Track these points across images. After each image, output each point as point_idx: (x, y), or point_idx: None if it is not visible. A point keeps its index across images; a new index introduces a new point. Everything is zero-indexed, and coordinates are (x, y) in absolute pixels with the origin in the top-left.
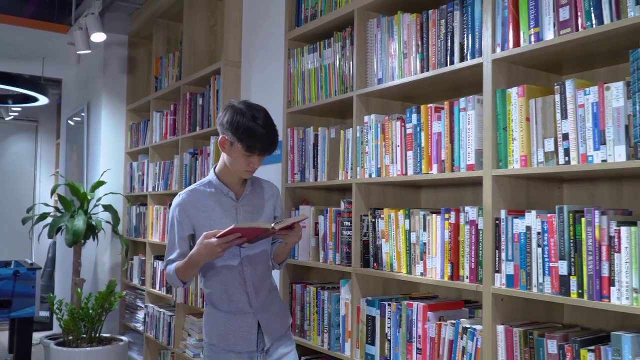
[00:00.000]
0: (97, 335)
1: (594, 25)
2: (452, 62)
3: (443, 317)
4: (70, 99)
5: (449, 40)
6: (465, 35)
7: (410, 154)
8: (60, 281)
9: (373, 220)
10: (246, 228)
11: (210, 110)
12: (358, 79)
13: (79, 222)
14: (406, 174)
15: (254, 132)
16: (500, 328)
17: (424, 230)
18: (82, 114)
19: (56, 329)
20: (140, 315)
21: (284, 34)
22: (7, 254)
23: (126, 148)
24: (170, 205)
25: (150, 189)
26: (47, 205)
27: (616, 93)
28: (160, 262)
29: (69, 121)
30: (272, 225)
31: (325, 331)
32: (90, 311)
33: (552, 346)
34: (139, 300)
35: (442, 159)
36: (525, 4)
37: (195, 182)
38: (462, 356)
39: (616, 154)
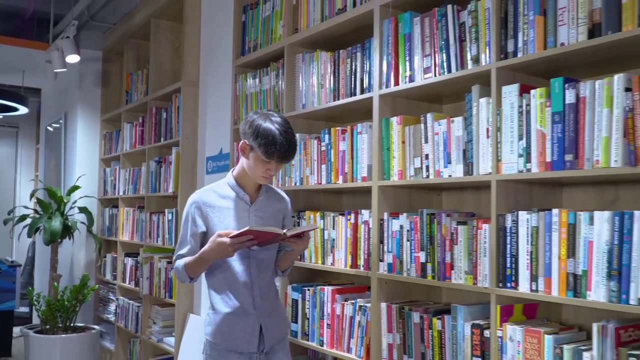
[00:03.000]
0: (72, 324)
1: (445, 73)
2: (354, 94)
3: (348, 298)
4: (49, 108)
5: (353, 76)
6: (365, 73)
7: (324, 167)
8: (39, 277)
9: (298, 220)
10: (260, 231)
11: (172, 124)
12: (287, 103)
13: (56, 223)
14: (321, 183)
15: (274, 139)
16: (383, 305)
17: (333, 228)
18: (60, 121)
19: (35, 322)
20: (112, 307)
21: (231, 61)
22: None
23: (100, 155)
24: (139, 207)
25: (121, 193)
26: (26, 207)
27: (457, 125)
28: (130, 259)
29: (48, 127)
30: (284, 231)
31: None
32: (66, 302)
33: (416, 317)
34: (111, 294)
35: (346, 171)
36: (403, 53)
37: (159, 187)
38: (358, 328)
39: (457, 171)
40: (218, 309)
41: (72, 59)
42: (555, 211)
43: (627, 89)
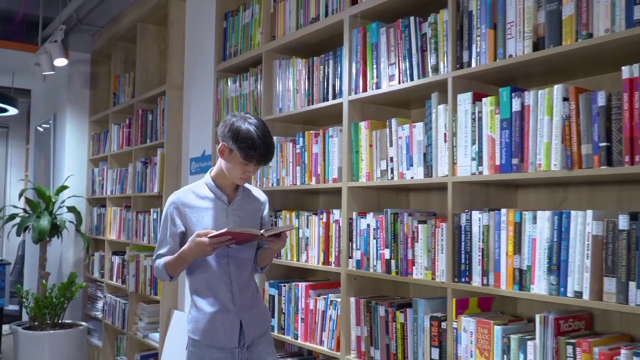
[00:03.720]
0: (60, 321)
1: (408, 81)
2: (327, 99)
3: (320, 294)
4: (38, 109)
5: (325, 82)
6: (336, 79)
7: (298, 168)
8: (29, 275)
9: (275, 219)
10: (238, 232)
11: (157, 126)
12: (265, 107)
13: (44, 222)
14: (296, 184)
15: (253, 143)
16: (352, 300)
17: (307, 227)
18: (50, 122)
19: (25, 319)
20: (100, 304)
21: (213, 65)
22: None
23: (89, 155)
24: (125, 207)
25: (109, 193)
26: (16, 207)
27: (419, 130)
28: (117, 257)
29: (38, 128)
30: (262, 232)
31: None
32: (54, 300)
33: (382, 310)
34: (99, 291)
35: (318, 173)
36: (371, 61)
37: (145, 187)
38: (329, 322)
39: (418, 173)
40: (199, 306)
41: (60, 62)
42: (503, 211)
43: (565, 99)
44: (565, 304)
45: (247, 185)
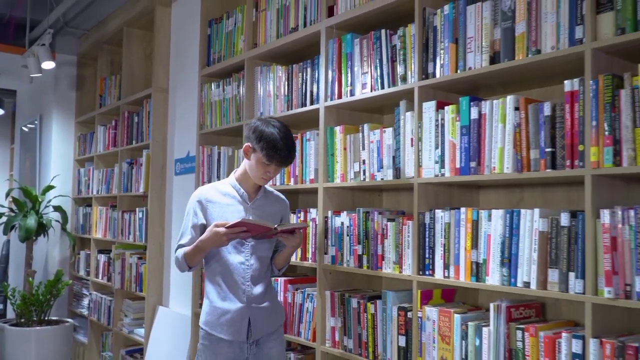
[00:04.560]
0: (46, 318)
1: (379, 89)
2: (305, 105)
3: (298, 288)
4: (24, 109)
5: (303, 89)
6: (314, 86)
7: None
8: (14, 274)
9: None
10: (252, 224)
11: (143, 128)
12: (247, 111)
13: (31, 221)
14: (276, 184)
15: (275, 144)
16: (327, 293)
17: None
18: (36, 122)
19: (10, 317)
20: (86, 302)
21: (198, 70)
22: None
23: (75, 156)
24: (111, 206)
25: (94, 192)
26: (2, 206)
27: (388, 135)
28: (103, 255)
29: (23, 128)
30: (276, 225)
31: None
32: (40, 297)
33: (354, 302)
34: (85, 289)
35: (297, 174)
36: (345, 70)
37: (131, 187)
38: (306, 314)
39: (388, 175)
40: (211, 298)
41: (48, 65)
42: (462, 210)
43: (516, 108)
44: (515, 293)
45: (268, 187)
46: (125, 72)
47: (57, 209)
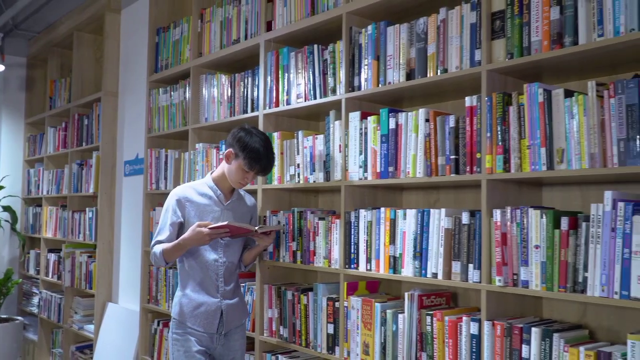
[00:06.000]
0: None
1: (313, 99)
2: (246, 112)
3: (241, 282)
4: None
5: (245, 96)
6: (255, 94)
7: None
8: None
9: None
10: (236, 226)
11: (93, 130)
12: (192, 116)
13: None
14: None
15: (259, 154)
16: (266, 286)
17: None
18: None
19: None
20: (36, 300)
21: (146, 76)
22: None
23: (24, 156)
24: (62, 206)
25: (44, 193)
26: None
27: (320, 141)
28: (53, 254)
29: None
30: (256, 228)
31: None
32: None
33: (289, 294)
34: (35, 288)
35: None
36: (282, 80)
37: (81, 188)
38: (249, 307)
39: (319, 178)
40: (186, 291)
41: None
42: (382, 209)
43: (427, 120)
44: (425, 283)
45: (240, 190)
46: (76, 75)
47: (7, 209)
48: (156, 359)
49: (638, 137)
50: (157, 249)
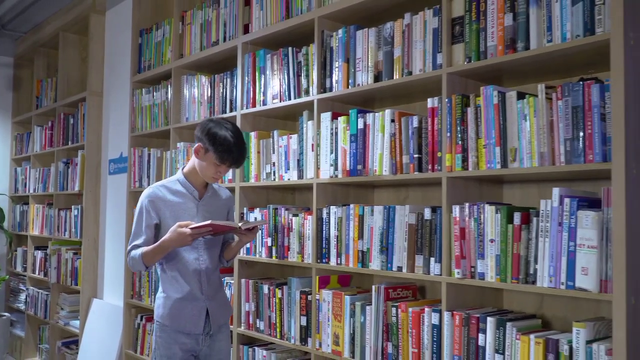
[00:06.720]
0: None
1: (287, 100)
2: (225, 112)
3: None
4: None
5: (224, 97)
6: (234, 94)
7: None
8: None
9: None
10: (219, 225)
11: (79, 129)
12: (174, 116)
13: None
14: None
15: (230, 147)
16: (243, 281)
17: None
18: None
19: None
20: (23, 297)
21: (129, 77)
22: None
23: (11, 155)
24: (48, 204)
25: (31, 191)
26: None
27: (294, 141)
28: (40, 251)
29: None
30: (240, 225)
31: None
32: None
33: (265, 289)
34: (22, 285)
35: None
36: (259, 81)
37: (67, 186)
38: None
39: (293, 176)
40: (169, 293)
41: None
42: (351, 206)
43: (392, 120)
44: (391, 276)
45: (214, 184)
46: (62, 75)
47: None
48: (139, 353)
49: (582, 136)
50: (136, 253)
